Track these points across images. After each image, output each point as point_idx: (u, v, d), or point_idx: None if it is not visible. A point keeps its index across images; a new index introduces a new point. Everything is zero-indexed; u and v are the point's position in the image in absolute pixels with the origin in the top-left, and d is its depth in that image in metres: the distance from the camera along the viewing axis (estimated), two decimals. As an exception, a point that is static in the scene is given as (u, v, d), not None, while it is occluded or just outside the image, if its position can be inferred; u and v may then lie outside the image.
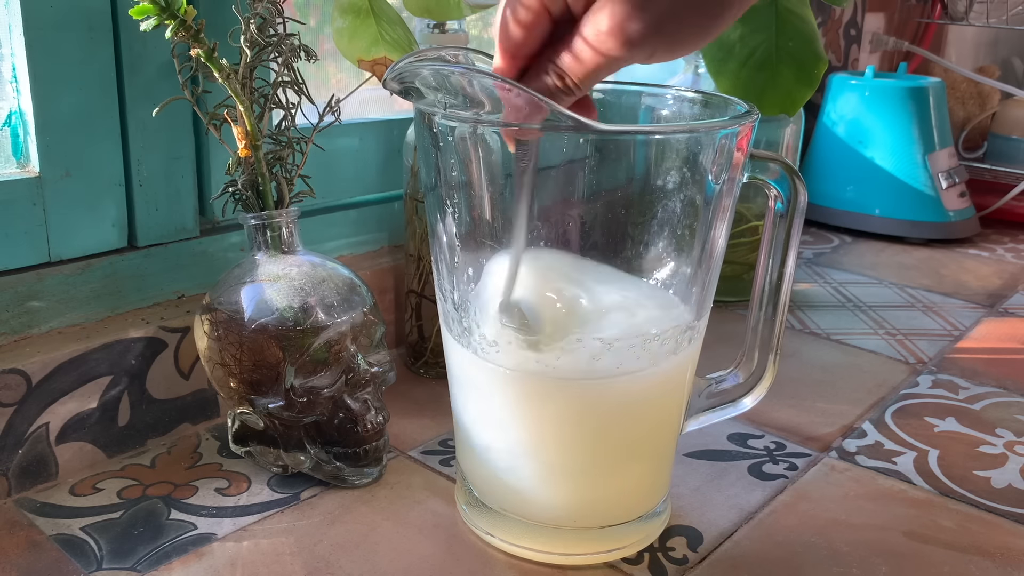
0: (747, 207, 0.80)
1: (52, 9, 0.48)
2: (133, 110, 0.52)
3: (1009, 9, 1.27)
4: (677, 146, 0.38)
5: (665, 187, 0.39)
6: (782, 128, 0.75)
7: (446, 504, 0.49)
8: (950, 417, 0.61)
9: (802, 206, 0.42)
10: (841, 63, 1.28)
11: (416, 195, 0.61)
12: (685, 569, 0.44)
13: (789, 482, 0.52)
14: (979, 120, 1.31)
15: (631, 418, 0.43)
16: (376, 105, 0.72)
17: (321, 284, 0.48)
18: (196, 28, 0.44)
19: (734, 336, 0.70)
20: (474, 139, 0.38)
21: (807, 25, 0.65)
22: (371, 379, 0.49)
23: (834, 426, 0.59)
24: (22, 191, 0.49)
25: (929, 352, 0.72)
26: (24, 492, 0.49)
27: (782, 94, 0.65)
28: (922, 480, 0.53)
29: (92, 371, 0.50)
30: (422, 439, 0.56)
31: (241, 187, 0.49)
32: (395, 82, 0.39)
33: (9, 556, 0.43)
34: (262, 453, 0.50)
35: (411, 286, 0.64)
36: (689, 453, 0.55)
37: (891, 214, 1.04)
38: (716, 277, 0.43)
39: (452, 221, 0.41)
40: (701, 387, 0.47)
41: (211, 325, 0.48)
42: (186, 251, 0.56)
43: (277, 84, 0.49)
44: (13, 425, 0.47)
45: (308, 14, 0.68)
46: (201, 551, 0.44)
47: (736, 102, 0.43)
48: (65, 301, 0.51)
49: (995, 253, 1.02)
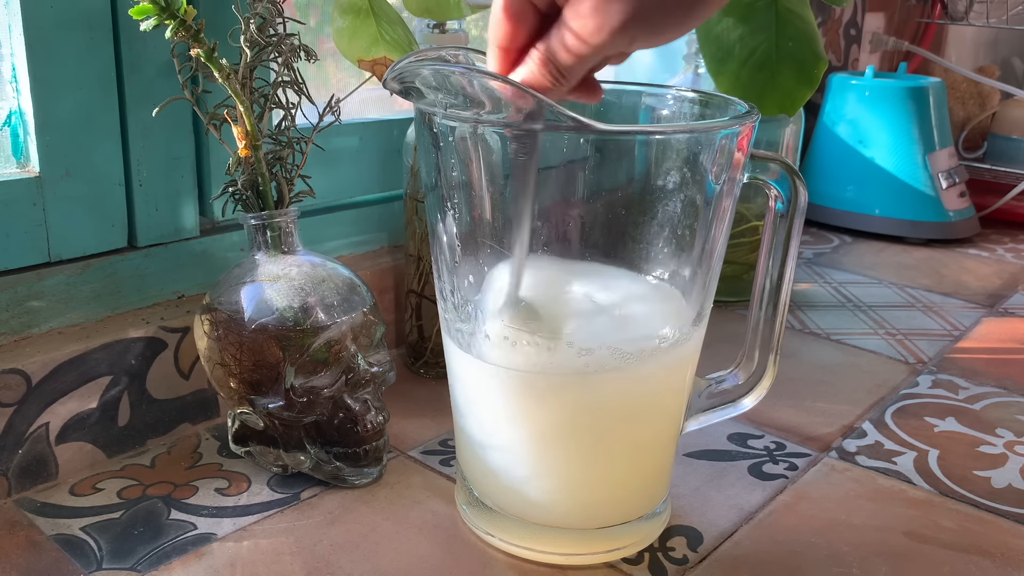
0: (747, 207, 0.80)
1: (52, 9, 0.48)
2: (133, 110, 0.52)
3: (1009, 9, 1.27)
4: (677, 146, 0.38)
5: (665, 187, 0.39)
6: (782, 128, 0.75)
7: (446, 504, 0.49)
8: (950, 417, 0.61)
9: (802, 206, 0.42)
10: (841, 63, 1.28)
11: (416, 195, 0.61)
12: (685, 569, 0.44)
13: (789, 482, 0.52)
14: (979, 120, 1.31)
15: (631, 418, 0.43)
16: (376, 105, 0.72)
17: (321, 284, 0.48)
18: (196, 28, 0.44)
19: (734, 336, 0.70)
20: (474, 139, 0.38)
21: (807, 25, 0.65)
22: (371, 379, 0.49)
23: (834, 426, 0.59)
24: (22, 191, 0.49)
25: (929, 352, 0.72)
26: (24, 492, 0.49)
27: (782, 94, 0.65)
28: (922, 480, 0.53)
29: (92, 371, 0.50)
30: (422, 439, 0.56)
31: (241, 187, 0.49)
32: (395, 82, 0.39)
33: (9, 556, 0.43)
34: (262, 453, 0.50)
35: (411, 286, 0.64)
36: (689, 453, 0.55)
37: (891, 214, 1.04)
38: (716, 277, 0.43)
39: (452, 221, 0.41)
40: (701, 387, 0.47)
41: (211, 325, 0.48)
42: (186, 251, 0.56)
43: (277, 84, 0.49)
44: (13, 425, 0.47)
45: (308, 14, 0.68)
46: (201, 551, 0.44)
47: (736, 102, 0.43)
48: (65, 301, 0.51)
49: (995, 253, 1.02)
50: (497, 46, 0.36)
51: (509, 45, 0.36)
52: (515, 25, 0.35)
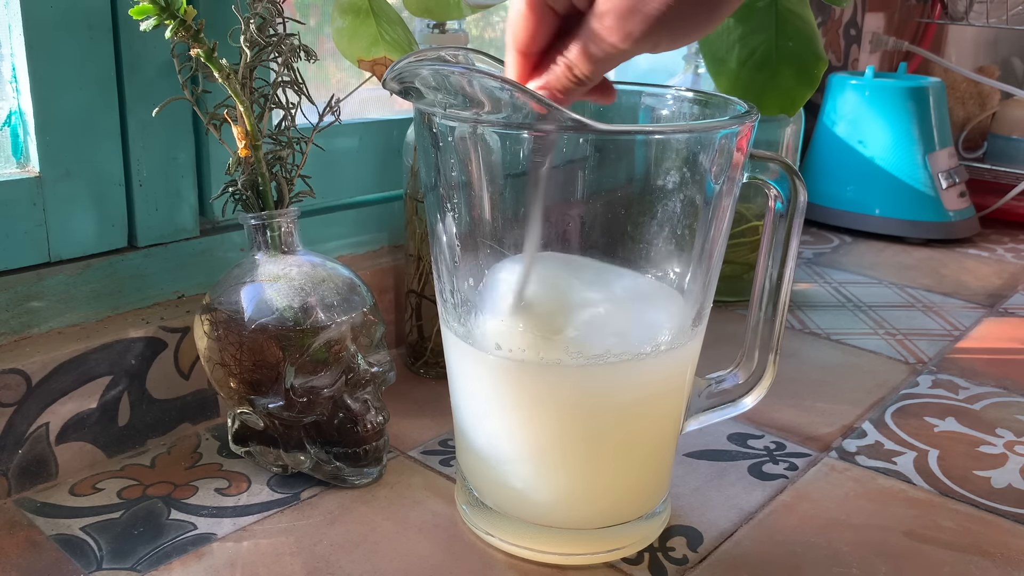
0: (747, 207, 0.80)
1: (52, 9, 0.48)
2: (133, 110, 0.52)
3: (1009, 9, 1.27)
4: (677, 146, 0.38)
5: (665, 187, 0.39)
6: (782, 128, 0.75)
7: (446, 504, 0.49)
8: (950, 417, 0.61)
9: (802, 206, 0.42)
10: (841, 63, 1.28)
11: (416, 195, 0.61)
12: (685, 569, 0.44)
13: (789, 482, 0.52)
14: (979, 120, 1.31)
15: (631, 417, 0.43)
16: (376, 105, 0.72)
17: (321, 284, 0.48)
18: (196, 28, 0.44)
19: (734, 336, 0.70)
20: (474, 139, 0.38)
21: (807, 25, 0.65)
22: (371, 379, 0.49)
23: (834, 426, 0.59)
24: (22, 191, 0.49)
25: (929, 352, 0.72)
26: (24, 492, 0.49)
27: (782, 94, 0.65)
28: (922, 480, 0.53)
29: (92, 371, 0.50)
30: (422, 439, 0.56)
31: (241, 187, 0.49)
32: (395, 82, 0.39)
33: (9, 556, 0.43)
34: (262, 453, 0.50)
35: (411, 286, 0.64)
36: (689, 453, 0.55)
37: (891, 214, 1.04)
38: (716, 277, 0.43)
39: (452, 221, 0.41)
40: (701, 387, 0.47)
41: (211, 325, 0.48)
42: (186, 251, 0.56)
43: (277, 84, 0.49)
44: (13, 425, 0.47)
45: (308, 14, 0.68)
46: (201, 551, 0.44)
47: (736, 102, 0.43)
48: (65, 301, 0.51)
49: (995, 253, 1.02)
50: (516, 50, 0.36)
51: (528, 49, 0.36)
52: (535, 29, 0.35)
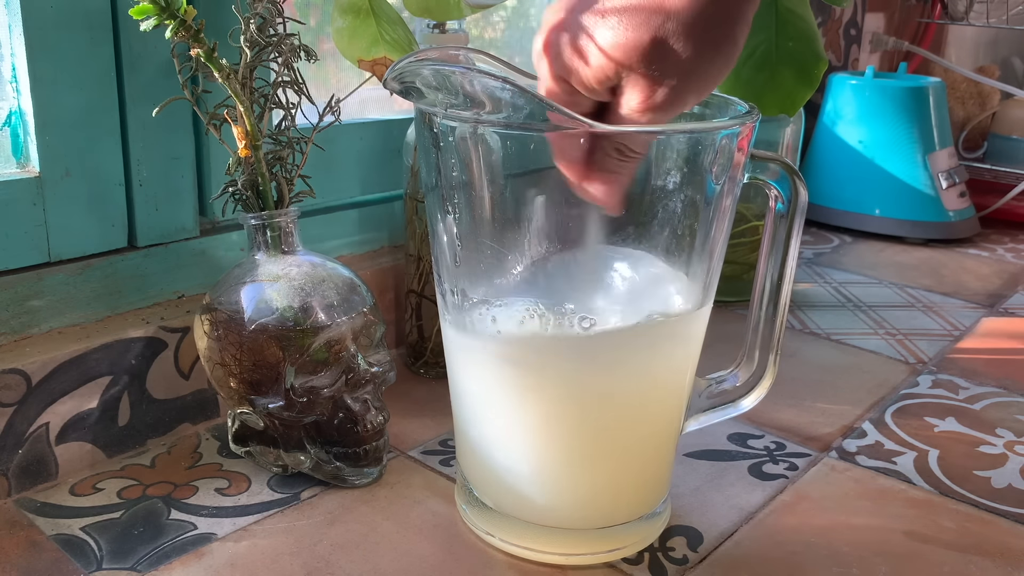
0: (747, 207, 0.80)
1: (52, 9, 0.48)
2: (133, 110, 0.52)
3: (1009, 9, 1.28)
4: (677, 146, 0.38)
5: (665, 187, 0.39)
6: (782, 128, 0.75)
7: (446, 504, 0.49)
8: (950, 417, 0.61)
9: (802, 206, 0.42)
10: (841, 63, 1.28)
11: (416, 195, 0.61)
12: (685, 569, 0.44)
13: (789, 482, 0.52)
14: (979, 120, 1.31)
15: (631, 417, 0.43)
16: (376, 105, 0.72)
17: (321, 284, 0.48)
18: (196, 28, 0.44)
19: (734, 336, 0.70)
20: (474, 139, 0.38)
21: (807, 25, 0.65)
22: (371, 379, 0.49)
23: (834, 426, 0.59)
24: (22, 191, 0.49)
25: (929, 352, 0.72)
26: (24, 492, 0.49)
27: (782, 94, 0.65)
28: (922, 480, 0.53)
29: (92, 371, 0.50)
30: (422, 439, 0.56)
31: (241, 187, 0.49)
32: (395, 82, 0.39)
33: (9, 556, 0.43)
34: (262, 453, 0.50)
35: (411, 286, 0.64)
36: (689, 453, 0.55)
37: (891, 214, 1.04)
38: (716, 277, 0.43)
39: (452, 221, 0.41)
40: (701, 387, 0.47)
41: (211, 325, 0.48)
42: (186, 251, 0.56)
43: (277, 84, 0.49)
44: (13, 425, 0.47)
45: (308, 14, 0.68)
46: (201, 551, 0.44)
47: (736, 102, 0.43)
48: (65, 301, 0.51)
49: (995, 253, 1.02)
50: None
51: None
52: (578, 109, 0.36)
